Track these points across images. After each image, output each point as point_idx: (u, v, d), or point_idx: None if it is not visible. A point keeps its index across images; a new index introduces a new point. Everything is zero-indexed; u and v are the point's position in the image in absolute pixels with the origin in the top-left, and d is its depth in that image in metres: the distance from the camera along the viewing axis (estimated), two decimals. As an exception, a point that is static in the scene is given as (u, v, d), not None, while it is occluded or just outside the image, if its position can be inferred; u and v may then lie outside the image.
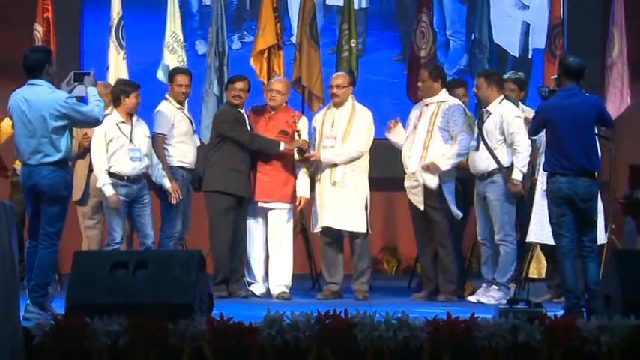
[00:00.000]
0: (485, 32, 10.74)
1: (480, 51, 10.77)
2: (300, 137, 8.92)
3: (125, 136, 8.59)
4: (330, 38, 11.35)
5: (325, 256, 9.02)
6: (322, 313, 6.07)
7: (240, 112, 9.02)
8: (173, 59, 10.30)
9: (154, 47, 10.75)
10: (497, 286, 8.55)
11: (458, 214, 8.71)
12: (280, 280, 8.94)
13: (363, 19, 12.03)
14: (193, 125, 9.16)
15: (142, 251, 8.15)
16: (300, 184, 9.01)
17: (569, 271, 7.20)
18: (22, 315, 6.40)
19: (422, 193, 8.67)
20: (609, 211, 9.73)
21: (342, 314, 6.08)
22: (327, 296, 8.84)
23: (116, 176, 8.53)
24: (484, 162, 8.60)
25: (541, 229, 8.40)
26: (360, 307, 6.29)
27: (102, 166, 8.55)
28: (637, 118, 10.80)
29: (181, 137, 8.91)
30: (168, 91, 9.10)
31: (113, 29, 10.35)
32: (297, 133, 8.93)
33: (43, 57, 7.15)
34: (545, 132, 7.59)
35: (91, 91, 7.19)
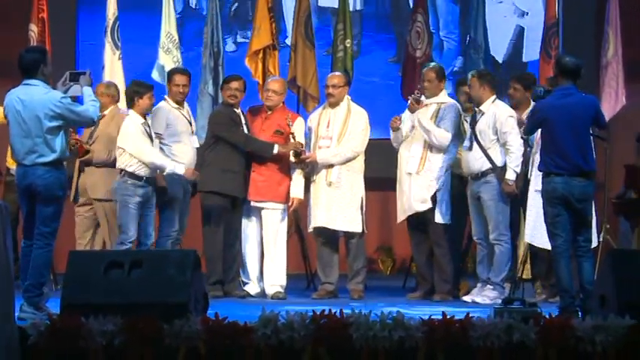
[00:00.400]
0: (480, 32, 10.75)
1: (475, 51, 10.78)
2: (295, 139, 8.91)
3: (149, 137, 8.58)
4: (324, 40, 11.32)
5: (320, 256, 9.02)
6: (317, 313, 6.06)
7: (236, 112, 9.01)
8: (168, 59, 10.31)
9: (149, 48, 10.75)
10: (492, 286, 8.55)
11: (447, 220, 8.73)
12: (275, 279, 8.94)
13: (358, 20, 12.02)
14: (193, 126, 9.12)
15: (137, 251, 8.12)
16: (295, 185, 8.99)
17: (564, 271, 7.20)
18: (17, 315, 6.37)
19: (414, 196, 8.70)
20: (604, 212, 9.74)
21: (337, 314, 6.08)
22: (322, 296, 8.84)
23: (135, 177, 8.47)
24: (478, 162, 8.59)
25: (533, 231, 8.42)
26: (355, 307, 6.29)
27: (154, 153, 8.52)
28: (632, 118, 10.79)
29: (177, 137, 8.88)
30: (165, 90, 9.10)
31: (108, 29, 10.36)
32: (292, 135, 8.91)
33: (39, 57, 7.14)
34: (540, 132, 7.60)
35: (87, 91, 7.20)
